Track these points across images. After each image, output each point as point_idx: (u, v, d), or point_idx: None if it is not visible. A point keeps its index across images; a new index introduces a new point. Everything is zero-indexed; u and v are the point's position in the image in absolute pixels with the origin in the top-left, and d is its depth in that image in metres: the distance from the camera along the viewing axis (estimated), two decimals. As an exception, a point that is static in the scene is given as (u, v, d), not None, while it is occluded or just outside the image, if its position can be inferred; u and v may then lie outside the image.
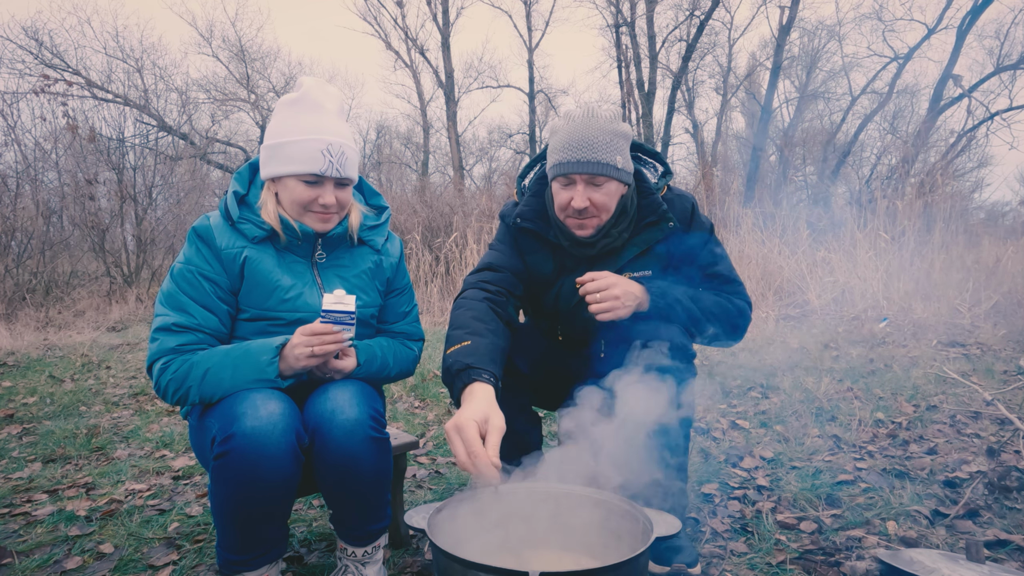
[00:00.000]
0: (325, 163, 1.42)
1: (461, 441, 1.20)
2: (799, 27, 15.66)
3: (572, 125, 1.55)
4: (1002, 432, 2.63)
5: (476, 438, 1.20)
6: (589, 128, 1.53)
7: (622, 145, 1.56)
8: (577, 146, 1.53)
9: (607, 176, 1.54)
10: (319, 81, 1.49)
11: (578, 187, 1.55)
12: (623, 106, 16.49)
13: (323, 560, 1.76)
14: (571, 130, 1.54)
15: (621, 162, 1.56)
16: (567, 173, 1.55)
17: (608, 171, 1.53)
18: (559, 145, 1.56)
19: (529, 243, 1.74)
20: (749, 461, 2.41)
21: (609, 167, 1.53)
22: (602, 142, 1.52)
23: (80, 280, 8.95)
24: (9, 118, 9.61)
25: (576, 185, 1.56)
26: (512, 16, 19.96)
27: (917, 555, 1.49)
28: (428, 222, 8.14)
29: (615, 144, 1.54)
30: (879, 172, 15.16)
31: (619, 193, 1.61)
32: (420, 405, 3.50)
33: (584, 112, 1.56)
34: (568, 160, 1.54)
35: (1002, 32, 13.66)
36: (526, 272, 1.75)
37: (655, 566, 1.56)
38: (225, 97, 16.49)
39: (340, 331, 1.38)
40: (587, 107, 1.57)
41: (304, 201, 1.45)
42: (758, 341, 4.78)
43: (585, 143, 1.52)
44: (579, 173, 1.54)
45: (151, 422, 3.28)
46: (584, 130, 1.53)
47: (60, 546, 1.87)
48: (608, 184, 1.56)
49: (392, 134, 21.31)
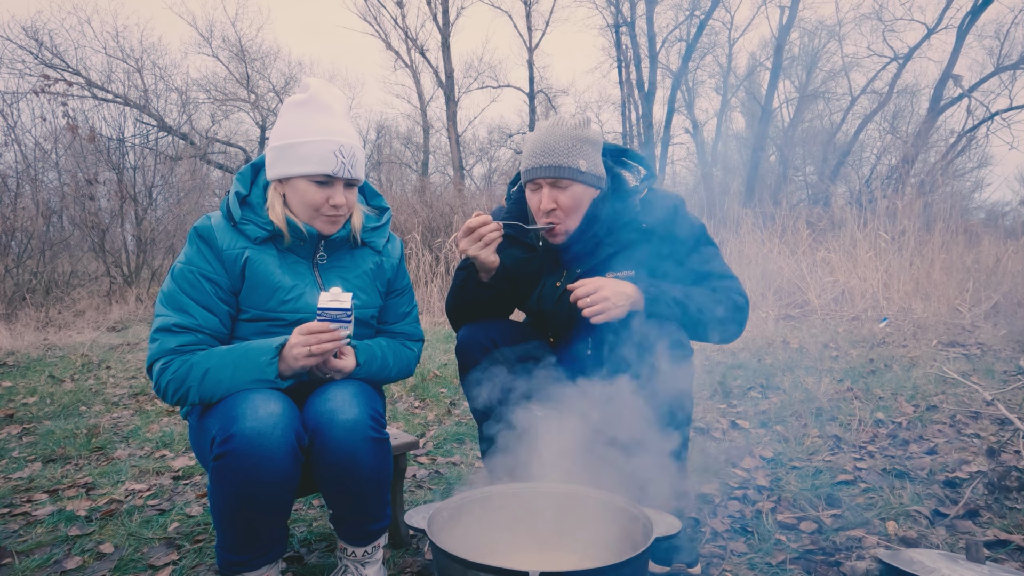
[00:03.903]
0: (337, 164, 1.43)
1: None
2: (799, 27, 15.66)
3: (537, 134, 1.66)
4: (1002, 432, 2.63)
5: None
6: (552, 135, 1.63)
7: (587, 150, 1.64)
8: (540, 152, 1.63)
9: (570, 179, 1.63)
10: (325, 82, 1.49)
11: (544, 190, 1.65)
12: (623, 106, 16.50)
13: (323, 560, 1.76)
14: (536, 138, 1.65)
15: (585, 166, 1.63)
16: (532, 178, 1.66)
17: (570, 174, 1.62)
18: (526, 153, 1.67)
19: (511, 246, 1.81)
20: (749, 461, 2.41)
21: (571, 170, 1.62)
22: (564, 147, 1.61)
23: (80, 280, 8.95)
24: (9, 118, 9.61)
25: (542, 189, 1.64)
26: (512, 16, 19.92)
27: (917, 555, 1.49)
28: (428, 222, 8.14)
29: (578, 149, 1.62)
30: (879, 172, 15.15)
31: (587, 196, 1.67)
32: (420, 405, 3.51)
33: (551, 122, 1.66)
34: (532, 166, 1.64)
35: (1002, 32, 13.64)
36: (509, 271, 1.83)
37: (655, 566, 1.56)
38: (225, 97, 16.48)
39: (337, 329, 1.37)
40: (556, 117, 1.68)
41: (315, 203, 1.45)
42: (758, 341, 4.79)
43: (547, 149, 1.62)
44: (543, 177, 1.63)
45: (151, 422, 3.28)
46: (547, 137, 1.63)
47: (60, 546, 1.87)
48: (572, 187, 1.64)
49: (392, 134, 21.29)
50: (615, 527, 1.35)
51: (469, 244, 1.61)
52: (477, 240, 1.61)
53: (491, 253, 1.63)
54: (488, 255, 1.63)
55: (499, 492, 1.45)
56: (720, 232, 7.58)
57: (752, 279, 6.58)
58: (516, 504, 1.44)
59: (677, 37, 16.31)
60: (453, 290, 1.81)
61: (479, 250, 1.61)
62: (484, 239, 1.60)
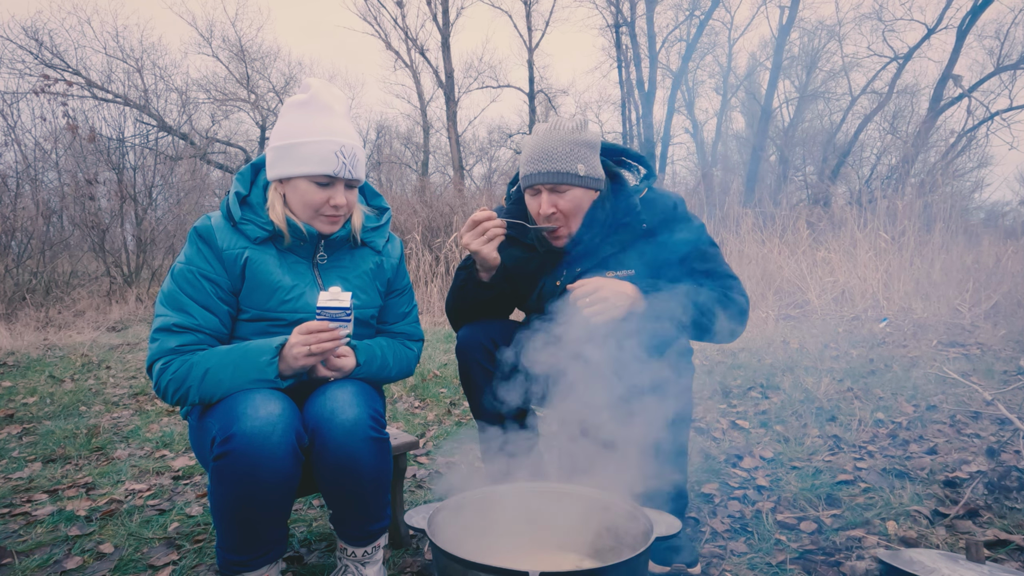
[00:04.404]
0: (339, 164, 1.43)
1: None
2: (799, 27, 15.67)
3: (535, 139, 1.66)
4: (1002, 432, 2.63)
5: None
6: (550, 140, 1.63)
7: (585, 153, 1.65)
8: (538, 158, 1.64)
9: (569, 184, 1.63)
10: (326, 83, 1.49)
11: (543, 195, 1.66)
12: (623, 106, 16.50)
13: (323, 560, 1.76)
14: (534, 144, 1.66)
15: (584, 170, 1.64)
16: (531, 184, 1.67)
17: (569, 179, 1.63)
18: (524, 159, 1.68)
19: (511, 246, 1.82)
20: (749, 461, 2.41)
21: (570, 175, 1.63)
22: (562, 152, 1.62)
23: (80, 280, 8.95)
24: (9, 118, 9.61)
25: (542, 194, 1.66)
26: (512, 16, 19.89)
27: (917, 555, 1.49)
28: (428, 222, 8.14)
29: (576, 153, 1.63)
30: (879, 172, 15.16)
31: (587, 198, 1.68)
32: (420, 405, 3.51)
33: (548, 126, 1.67)
34: (531, 172, 1.65)
35: (1002, 32, 13.64)
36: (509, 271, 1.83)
37: (655, 566, 1.56)
38: (225, 97, 16.47)
39: (337, 328, 1.37)
40: (553, 120, 1.68)
41: (316, 203, 1.46)
42: (758, 341, 4.79)
43: (545, 155, 1.63)
44: (542, 183, 1.64)
45: (151, 422, 3.28)
46: (545, 143, 1.64)
47: (60, 546, 1.87)
48: (571, 191, 1.65)
49: (392, 134, 21.27)
50: (615, 527, 1.35)
51: (472, 239, 1.62)
52: (481, 235, 1.61)
53: (493, 249, 1.64)
54: (490, 251, 1.63)
55: (499, 492, 1.45)
56: (720, 232, 7.57)
57: (752, 279, 6.58)
58: (516, 504, 1.44)
59: (677, 37, 16.33)
60: (453, 290, 1.81)
61: (482, 245, 1.62)
62: (487, 234, 1.61)
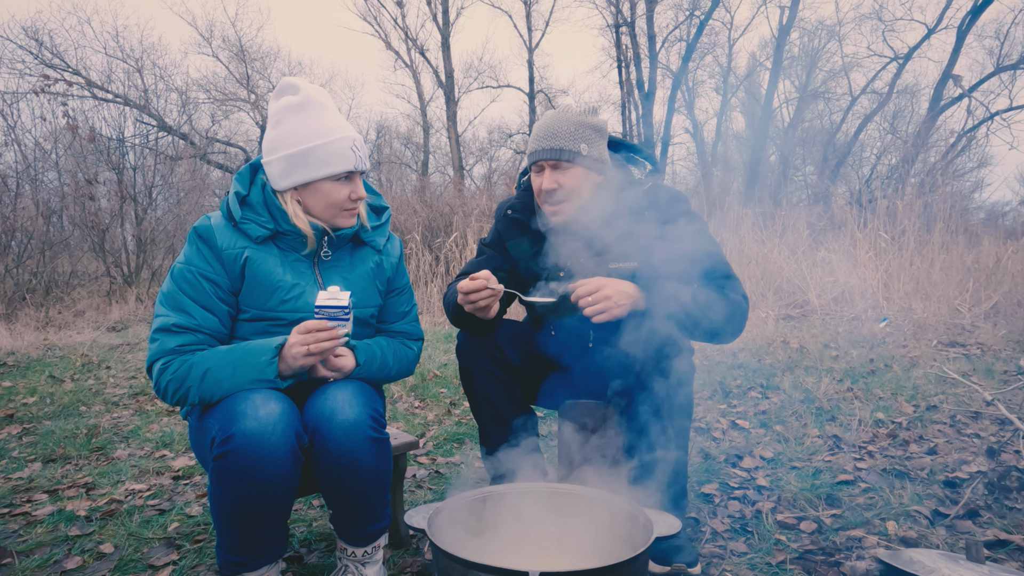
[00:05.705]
0: (356, 158, 1.47)
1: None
2: (799, 27, 15.67)
3: (543, 120, 1.71)
4: (1002, 432, 2.63)
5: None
6: (556, 120, 1.67)
7: (590, 135, 1.68)
8: (544, 136, 1.68)
9: (571, 162, 1.66)
10: (307, 81, 1.50)
11: (546, 172, 1.70)
12: (623, 106, 16.49)
13: (323, 560, 1.76)
14: (541, 124, 1.72)
15: (587, 150, 1.67)
16: (535, 161, 1.71)
17: (571, 156, 1.65)
18: (532, 137, 1.73)
19: (516, 232, 1.84)
20: (749, 461, 2.41)
21: (572, 153, 1.65)
22: (566, 131, 1.66)
23: (80, 280, 8.95)
24: (9, 118, 9.60)
25: (545, 171, 1.68)
26: (512, 16, 19.90)
27: (917, 555, 1.49)
28: (428, 222, 8.15)
29: (580, 133, 1.66)
30: (879, 172, 15.14)
31: (588, 179, 1.70)
32: (420, 405, 3.51)
33: (559, 108, 1.71)
34: (535, 149, 1.70)
35: (1002, 32, 13.65)
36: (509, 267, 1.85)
37: (655, 566, 1.56)
38: (225, 97, 16.47)
39: (336, 327, 1.36)
40: (564, 104, 1.72)
41: (340, 200, 1.48)
42: (758, 341, 4.78)
43: (550, 133, 1.67)
44: (544, 159, 1.68)
45: (151, 422, 3.28)
46: (551, 122, 1.69)
47: (60, 546, 1.87)
48: (573, 169, 1.67)
49: (392, 134, 21.26)
50: (615, 527, 1.35)
51: (466, 303, 1.58)
52: (472, 303, 1.57)
53: (488, 311, 1.59)
54: (486, 313, 1.60)
55: (499, 492, 1.45)
56: (720, 232, 7.56)
57: (752, 279, 6.58)
58: (516, 504, 1.44)
59: (677, 37, 16.33)
60: (450, 305, 1.77)
61: (475, 310, 1.58)
62: (478, 304, 1.56)
